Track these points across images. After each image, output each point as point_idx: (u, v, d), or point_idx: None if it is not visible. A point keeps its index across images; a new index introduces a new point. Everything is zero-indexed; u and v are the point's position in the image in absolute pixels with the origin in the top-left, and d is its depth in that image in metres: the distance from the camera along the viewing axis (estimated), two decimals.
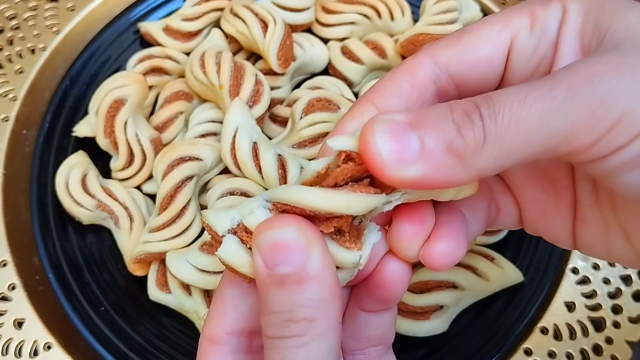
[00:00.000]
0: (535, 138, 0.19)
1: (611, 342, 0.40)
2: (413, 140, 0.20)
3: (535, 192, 0.28)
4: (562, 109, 0.19)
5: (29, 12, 0.54)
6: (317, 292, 0.20)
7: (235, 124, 0.44)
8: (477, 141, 0.20)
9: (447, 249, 0.24)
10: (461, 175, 0.21)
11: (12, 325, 0.40)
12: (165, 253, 0.42)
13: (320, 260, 0.21)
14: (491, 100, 0.20)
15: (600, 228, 0.26)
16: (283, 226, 0.21)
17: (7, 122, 0.48)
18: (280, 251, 0.20)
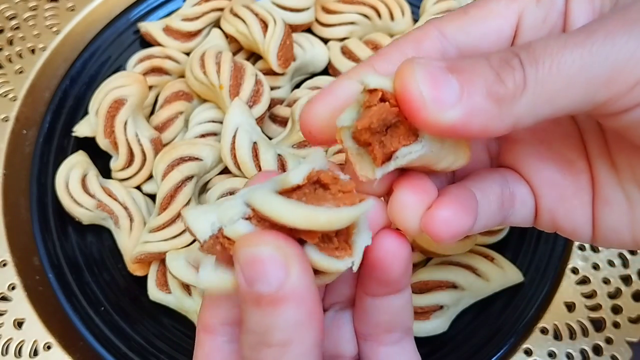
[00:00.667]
0: (577, 82, 0.19)
1: (611, 342, 0.40)
2: (453, 83, 0.20)
3: (552, 175, 0.27)
4: (602, 53, 0.19)
5: (29, 12, 0.54)
6: (293, 314, 0.20)
7: (235, 124, 0.44)
8: (518, 86, 0.20)
9: (451, 215, 0.22)
10: (498, 124, 0.20)
11: (12, 325, 0.40)
12: (165, 253, 0.42)
13: (299, 280, 0.20)
14: (530, 47, 0.20)
15: (624, 207, 0.25)
16: (261, 244, 0.20)
17: (7, 122, 0.48)
18: (258, 268, 0.20)
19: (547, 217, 0.27)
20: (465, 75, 0.20)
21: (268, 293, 0.20)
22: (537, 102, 0.20)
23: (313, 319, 0.20)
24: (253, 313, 0.20)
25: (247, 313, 0.21)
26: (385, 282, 0.25)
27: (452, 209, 0.23)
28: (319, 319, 0.20)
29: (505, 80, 0.20)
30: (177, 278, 0.42)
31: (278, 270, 0.19)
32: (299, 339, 0.20)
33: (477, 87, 0.20)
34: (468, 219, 0.23)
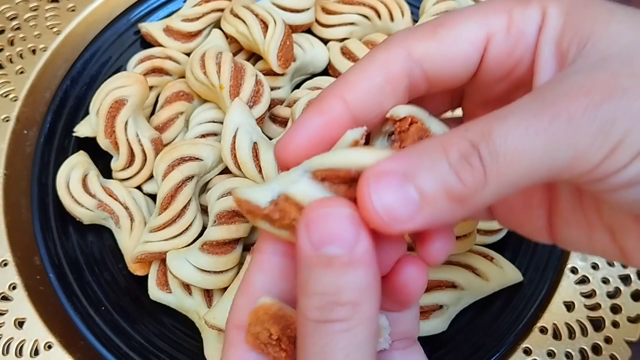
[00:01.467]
0: (539, 169, 0.20)
1: (610, 342, 0.40)
2: (411, 194, 0.20)
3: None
4: (564, 140, 0.19)
5: (30, 12, 0.54)
6: (364, 276, 0.20)
7: (235, 124, 0.44)
8: (478, 182, 0.20)
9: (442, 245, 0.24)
10: (462, 214, 0.21)
11: (12, 325, 0.40)
12: (165, 253, 0.42)
13: (368, 246, 0.21)
14: (489, 136, 0.20)
15: (583, 228, 0.26)
16: (337, 207, 0.21)
17: (8, 123, 0.48)
18: (332, 232, 0.20)
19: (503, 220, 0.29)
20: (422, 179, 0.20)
21: (341, 254, 0.20)
22: (501, 190, 0.20)
23: (377, 283, 0.21)
24: (321, 275, 0.21)
25: (311, 276, 0.21)
26: (405, 302, 0.25)
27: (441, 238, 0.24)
28: (379, 283, 0.21)
29: (465, 180, 0.20)
30: (177, 278, 0.42)
31: (352, 233, 0.20)
32: (368, 300, 0.21)
33: (437, 192, 0.20)
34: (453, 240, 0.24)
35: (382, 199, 0.20)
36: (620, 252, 0.25)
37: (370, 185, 0.20)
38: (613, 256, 0.25)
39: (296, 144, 0.24)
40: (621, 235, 0.24)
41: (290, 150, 0.25)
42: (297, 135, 0.25)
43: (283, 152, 0.25)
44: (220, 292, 0.43)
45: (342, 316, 0.20)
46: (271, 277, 0.24)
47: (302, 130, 0.25)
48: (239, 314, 0.24)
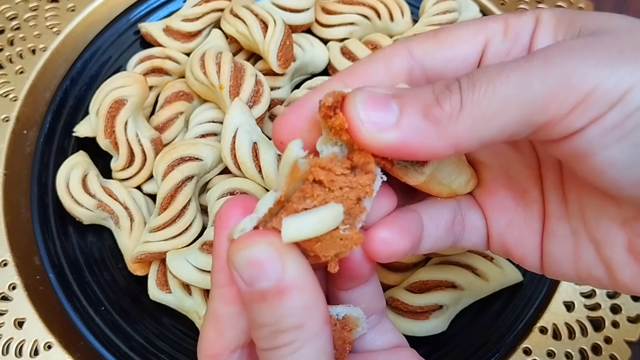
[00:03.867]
0: (512, 104, 0.20)
1: (610, 342, 0.40)
2: (393, 108, 0.21)
3: (504, 200, 0.28)
4: (538, 76, 0.20)
5: (30, 12, 0.54)
6: (299, 299, 0.21)
7: (235, 124, 0.44)
8: (454, 107, 0.21)
9: (388, 237, 0.24)
10: (436, 143, 0.21)
11: (12, 325, 0.40)
12: (165, 253, 0.42)
13: (296, 269, 0.21)
14: (471, 73, 0.21)
15: (570, 242, 0.26)
16: (255, 244, 0.21)
17: (8, 122, 0.48)
18: (255, 268, 0.21)
19: (498, 242, 0.29)
20: (406, 99, 0.21)
21: (271, 287, 0.21)
22: (475, 123, 0.20)
23: (317, 299, 0.21)
24: (261, 309, 0.21)
25: (254, 311, 0.22)
26: (357, 277, 0.26)
27: (390, 231, 0.24)
28: (322, 299, 0.22)
29: (443, 103, 0.21)
30: (177, 278, 0.42)
31: (275, 265, 0.21)
32: (310, 318, 0.21)
33: (415, 109, 0.21)
34: (405, 242, 0.24)
35: (364, 106, 0.21)
36: (605, 269, 0.25)
37: (357, 96, 0.21)
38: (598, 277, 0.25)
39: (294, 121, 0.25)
40: (606, 247, 0.25)
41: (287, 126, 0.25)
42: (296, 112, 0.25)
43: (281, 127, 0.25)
44: None
45: (287, 341, 0.21)
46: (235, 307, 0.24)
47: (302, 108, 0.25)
48: (210, 345, 0.24)
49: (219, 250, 0.24)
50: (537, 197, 0.27)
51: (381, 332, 0.28)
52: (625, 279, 0.24)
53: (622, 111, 0.19)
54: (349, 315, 0.26)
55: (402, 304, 0.42)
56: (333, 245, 0.22)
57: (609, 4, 0.60)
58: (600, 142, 0.20)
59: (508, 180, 0.28)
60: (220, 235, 0.24)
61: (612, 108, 0.19)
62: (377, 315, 0.28)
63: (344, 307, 0.26)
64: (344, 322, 0.26)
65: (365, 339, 0.27)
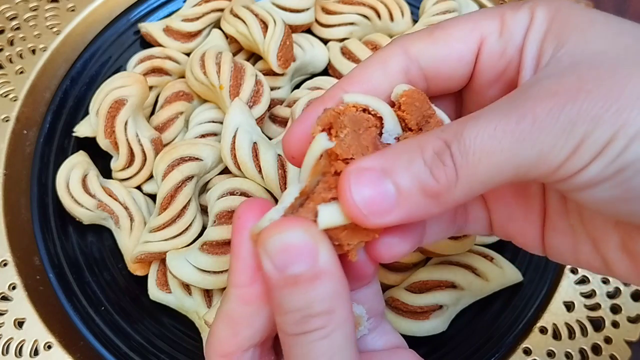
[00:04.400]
0: (506, 168, 0.21)
1: (610, 342, 0.40)
2: (389, 188, 0.21)
3: (505, 197, 0.29)
4: (529, 141, 0.20)
5: (30, 12, 0.54)
6: (331, 285, 0.21)
7: (235, 124, 0.44)
8: (450, 180, 0.21)
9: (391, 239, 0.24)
10: (437, 211, 0.22)
11: (12, 325, 0.40)
12: (165, 253, 0.42)
13: (329, 256, 0.22)
14: (461, 136, 0.21)
15: (569, 236, 0.27)
16: (290, 229, 0.21)
17: (8, 122, 0.48)
18: (291, 253, 0.21)
19: (500, 231, 0.30)
20: (399, 175, 0.22)
21: (305, 272, 0.21)
22: (472, 187, 0.21)
23: (346, 287, 0.22)
24: (291, 294, 0.22)
25: (283, 297, 0.22)
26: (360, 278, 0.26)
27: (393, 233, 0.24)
28: (348, 289, 0.22)
29: (438, 177, 0.21)
30: (177, 278, 0.42)
31: (310, 249, 0.21)
32: (340, 305, 0.22)
33: (413, 187, 0.21)
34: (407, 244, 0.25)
35: (361, 193, 0.21)
36: (602, 262, 0.26)
37: (351, 180, 0.22)
38: (597, 267, 0.26)
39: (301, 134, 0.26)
40: (602, 245, 0.25)
41: (294, 140, 0.26)
42: (301, 125, 0.26)
43: (288, 143, 0.26)
44: (220, 292, 0.43)
45: (319, 325, 0.22)
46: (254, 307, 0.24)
47: (307, 120, 0.25)
48: (223, 344, 0.25)
49: (238, 251, 0.24)
50: (538, 192, 0.28)
51: (380, 334, 0.28)
52: (621, 272, 0.25)
53: (605, 159, 0.20)
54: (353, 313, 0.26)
55: (402, 304, 0.42)
56: (358, 234, 0.22)
57: (609, 3, 0.60)
58: (586, 184, 0.21)
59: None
60: (239, 235, 0.24)
61: (596, 158, 0.20)
62: (377, 318, 0.28)
63: None
64: None
65: (366, 340, 0.28)
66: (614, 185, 0.21)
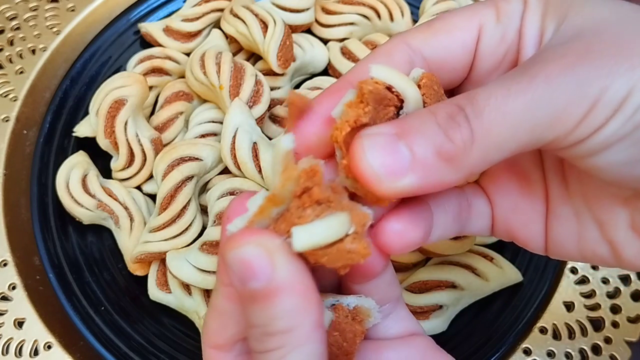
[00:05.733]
0: (522, 129, 0.20)
1: (610, 342, 0.40)
2: (403, 151, 0.21)
3: (508, 185, 0.28)
4: (544, 98, 0.20)
5: (30, 12, 0.54)
6: (289, 302, 0.20)
7: (235, 124, 0.44)
8: (466, 141, 0.20)
9: (401, 228, 0.23)
10: (453, 177, 0.21)
11: (12, 325, 0.40)
12: (165, 253, 0.42)
13: (287, 269, 0.20)
14: (474, 99, 0.21)
15: (572, 222, 0.26)
16: (245, 243, 0.20)
17: (8, 123, 0.48)
18: (246, 268, 0.20)
19: (502, 227, 0.28)
20: (413, 138, 0.21)
21: (260, 288, 0.20)
22: (488, 151, 0.21)
23: (309, 302, 0.21)
24: (253, 309, 0.21)
25: (247, 309, 0.21)
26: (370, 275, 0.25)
27: (402, 221, 0.24)
28: (315, 302, 0.21)
29: (453, 138, 0.21)
30: (177, 278, 0.42)
31: (265, 265, 0.20)
32: (300, 323, 0.21)
33: (427, 149, 0.21)
34: (418, 232, 0.24)
35: (375, 155, 0.21)
36: (610, 248, 0.25)
37: (364, 143, 0.21)
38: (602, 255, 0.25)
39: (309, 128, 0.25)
40: (610, 227, 0.25)
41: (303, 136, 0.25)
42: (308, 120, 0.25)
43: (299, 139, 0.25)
44: None
45: (275, 345, 0.21)
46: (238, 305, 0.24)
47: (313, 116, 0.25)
48: (214, 336, 0.24)
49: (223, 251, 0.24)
50: (539, 180, 0.27)
51: (395, 320, 0.27)
52: (630, 256, 0.25)
53: (623, 115, 0.20)
54: (360, 306, 0.25)
55: None
56: (340, 258, 0.21)
57: None
58: (602, 145, 0.20)
59: (510, 164, 0.28)
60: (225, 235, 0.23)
61: (614, 115, 0.20)
62: (392, 303, 0.27)
63: (355, 297, 0.26)
64: (355, 312, 0.25)
65: (378, 327, 0.27)
66: (631, 144, 0.20)
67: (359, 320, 0.25)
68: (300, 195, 0.21)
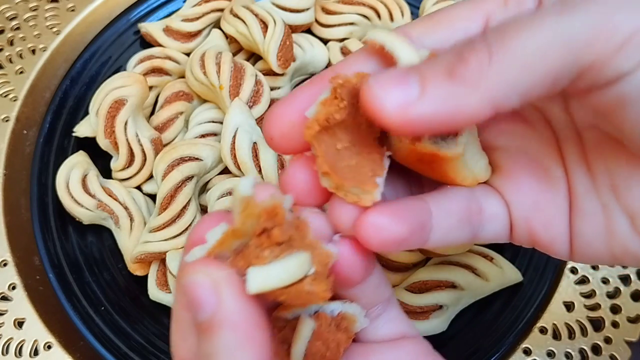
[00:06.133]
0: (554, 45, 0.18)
1: (610, 342, 0.40)
2: (412, 80, 0.19)
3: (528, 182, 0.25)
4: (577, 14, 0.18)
5: (30, 12, 0.54)
6: (230, 337, 0.19)
7: (235, 124, 0.44)
8: (482, 60, 0.18)
9: (383, 222, 0.21)
10: (470, 102, 0.18)
11: (12, 325, 0.40)
12: (165, 253, 0.42)
13: (233, 304, 0.19)
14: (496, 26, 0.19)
15: (599, 218, 0.24)
16: (195, 273, 0.20)
17: (8, 123, 0.48)
18: (194, 297, 0.20)
19: (523, 228, 0.26)
20: (424, 68, 0.19)
21: (204, 320, 0.20)
22: (511, 71, 0.18)
23: (251, 341, 0.20)
24: (200, 337, 0.20)
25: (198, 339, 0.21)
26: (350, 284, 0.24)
27: (386, 216, 0.22)
28: (258, 341, 0.20)
29: (468, 58, 0.18)
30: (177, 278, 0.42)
31: (209, 297, 0.19)
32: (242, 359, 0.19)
33: (438, 74, 0.19)
34: (400, 228, 0.22)
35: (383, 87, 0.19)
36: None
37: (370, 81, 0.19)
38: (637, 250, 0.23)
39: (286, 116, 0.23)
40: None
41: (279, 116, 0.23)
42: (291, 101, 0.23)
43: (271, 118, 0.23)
44: None
45: None
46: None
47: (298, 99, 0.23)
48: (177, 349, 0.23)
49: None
50: (561, 174, 0.25)
51: (385, 321, 0.26)
52: None
53: None
54: (345, 313, 0.24)
55: (402, 304, 0.42)
56: (298, 298, 0.20)
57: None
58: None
59: (528, 161, 0.26)
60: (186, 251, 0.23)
61: None
62: (382, 304, 0.25)
63: (339, 303, 0.24)
64: (339, 319, 0.24)
65: (366, 330, 0.25)
66: None
67: (343, 328, 0.24)
68: (260, 234, 0.20)
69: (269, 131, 0.23)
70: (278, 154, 0.44)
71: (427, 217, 0.23)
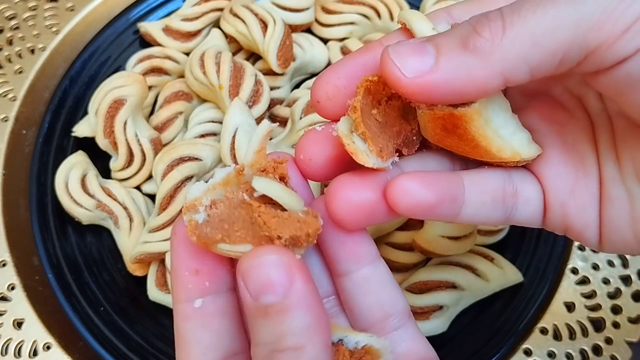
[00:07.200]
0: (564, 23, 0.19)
1: (611, 343, 0.40)
2: (428, 50, 0.20)
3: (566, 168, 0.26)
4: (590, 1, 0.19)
5: (29, 12, 0.54)
6: (303, 319, 0.20)
7: (235, 124, 0.44)
8: (495, 32, 0.19)
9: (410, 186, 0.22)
10: (482, 73, 0.20)
11: (11, 326, 0.40)
12: (164, 253, 0.42)
13: (303, 287, 0.20)
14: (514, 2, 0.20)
15: (626, 205, 0.24)
16: (267, 255, 0.20)
17: (7, 122, 0.48)
18: (265, 280, 0.20)
19: (558, 214, 0.26)
20: (441, 38, 0.20)
21: (275, 302, 0.20)
22: (522, 45, 0.19)
23: (322, 322, 0.20)
24: (263, 324, 0.20)
25: (256, 326, 0.21)
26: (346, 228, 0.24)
27: (415, 181, 0.22)
28: (326, 322, 0.21)
29: (481, 30, 0.20)
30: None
31: (284, 280, 0.20)
32: (311, 342, 0.20)
33: (452, 45, 0.20)
34: (428, 194, 0.22)
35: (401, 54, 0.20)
36: None
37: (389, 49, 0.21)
38: None
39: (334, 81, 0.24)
40: None
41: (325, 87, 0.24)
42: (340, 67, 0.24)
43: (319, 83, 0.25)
44: None
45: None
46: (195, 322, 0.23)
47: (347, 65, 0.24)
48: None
49: (175, 265, 0.23)
50: (594, 161, 0.26)
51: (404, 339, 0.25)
52: None
53: None
54: (370, 347, 0.23)
55: None
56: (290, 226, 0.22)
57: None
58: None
59: (566, 146, 0.26)
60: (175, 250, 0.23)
61: None
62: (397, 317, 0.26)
63: (366, 335, 0.24)
64: (364, 352, 0.23)
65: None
66: None
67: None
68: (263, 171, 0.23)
69: (316, 94, 0.25)
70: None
71: (459, 191, 0.24)
